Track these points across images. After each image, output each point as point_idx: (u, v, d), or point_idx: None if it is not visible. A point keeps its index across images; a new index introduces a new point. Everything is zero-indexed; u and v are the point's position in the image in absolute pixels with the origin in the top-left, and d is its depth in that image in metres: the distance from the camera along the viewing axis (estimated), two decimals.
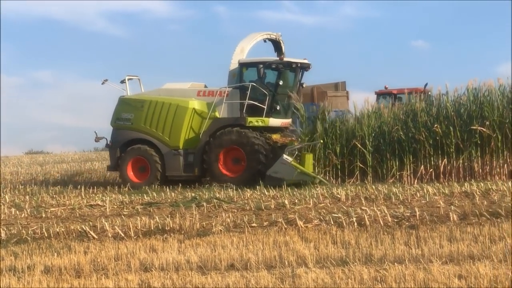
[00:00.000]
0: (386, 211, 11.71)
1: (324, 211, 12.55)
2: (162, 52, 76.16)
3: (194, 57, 76.59)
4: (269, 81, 19.71)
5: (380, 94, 26.29)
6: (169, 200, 15.61)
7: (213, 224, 11.86)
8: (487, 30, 70.69)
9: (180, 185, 19.09)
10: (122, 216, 13.42)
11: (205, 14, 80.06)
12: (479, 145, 17.78)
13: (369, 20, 77.76)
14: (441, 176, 17.73)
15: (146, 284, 8.18)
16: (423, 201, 13.12)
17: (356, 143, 18.46)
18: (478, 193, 13.53)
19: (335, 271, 8.21)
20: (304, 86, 20.64)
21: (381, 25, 76.82)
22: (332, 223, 11.43)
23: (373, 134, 18.66)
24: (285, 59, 19.44)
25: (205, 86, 20.64)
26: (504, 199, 12.54)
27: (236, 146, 19.00)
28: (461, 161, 17.76)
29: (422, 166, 18.01)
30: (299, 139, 19.11)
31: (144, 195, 16.78)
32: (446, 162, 17.87)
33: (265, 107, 19.27)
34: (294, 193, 15.44)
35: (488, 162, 17.71)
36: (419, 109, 18.59)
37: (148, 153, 19.78)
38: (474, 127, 17.71)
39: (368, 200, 13.85)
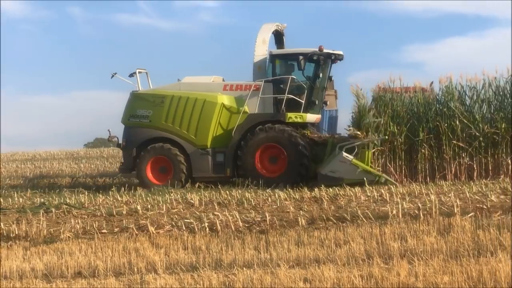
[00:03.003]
0: (238, 216, 11.84)
1: (176, 216, 12.53)
2: (15, 53, 73.53)
3: (49, 58, 74.46)
4: (296, 74, 18.36)
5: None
6: (16, 206, 15.00)
7: (61, 230, 11.56)
8: (342, 43, 73.59)
9: (29, 190, 18.43)
10: None
11: (60, 15, 78.18)
12: None
13: (225, 26, 78.91)
14: None
15: None
16: (274, 206, 13.37)
17: None
18: (326, 198, 13.94)
19: (184, 277, 8.23)
20: (332, 79, 19.48)
21: (238, 32, 78.16)
22: (184, 228, 11.45)
23: None
24: (324, 50, 18.14)
25: (223, 80, 19.24)
26: (350, 204, 13.02)
27: (276, 144, 17.61)
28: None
29: None
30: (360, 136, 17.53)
31: None
32: None
33: (303, 101, 18.13)
34: (148, 198, 15.28)
35: None
36: None
37: (171, 153, 18.06)
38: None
39: (221, 205, 13.95)
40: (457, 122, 17.67)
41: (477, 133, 17.54)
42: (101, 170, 28.17)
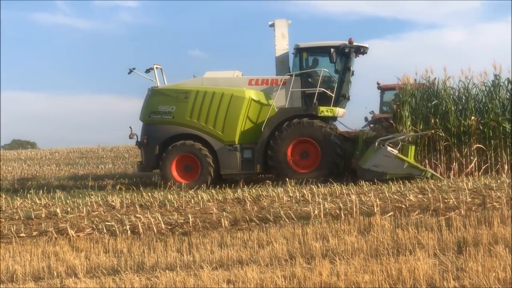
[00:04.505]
0: (160, 218, 11.77)
1: (97, 219, 12.34)
2: None
3: None
4: (323, 68, 18.27)
5: (385, 89, 24.56)
6: None
7: None
8: (262, 44, 74.22)
9: None
10: None
11: None
12: None
13: (146, 27, 78.65)
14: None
15: None
16: (197, 208, 13.34)
17: None
18: (249, 199, 14.00)
19: (105, 280, 8.11)
20: (354, 73, 18.88)
21: (159, 33, 77.98)
22: (105, 231, 11.30)
23: None
24: (354, 43, 18.03)
25: (242, 75, 18.89)
26: (273, 205, 13.10)
27: (309, 138, 17.46)
28: None
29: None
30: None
31: None
32: None
33: (334, 95, 18.00)
34: (67, 201, 15.01)
35: None
36: None
37: (197, 150, 17.67)
38: None
39: (143, 207, 13.82)
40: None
41: None
42: (19, 172, 27.51)
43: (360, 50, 18.43)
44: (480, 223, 10.08)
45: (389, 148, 16.30)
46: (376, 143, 16.60)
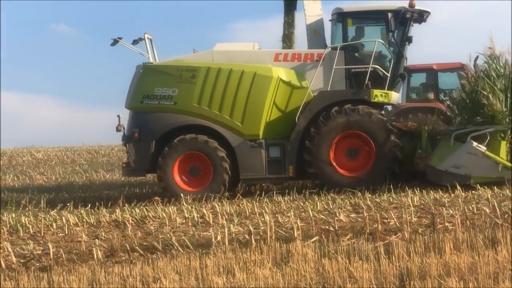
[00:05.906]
0: (10, 249, 11.58)
1: None
2: None
3: None
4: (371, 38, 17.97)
5: (414, 71, 24.33)
6: None
7: None
8: (164, 25, 74.96)
9: None
10: None
11: None
12: None
13: None
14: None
15: None
16: (60, 234, 13.23)
17: None
18: (131, 222, 13.93)
19: None
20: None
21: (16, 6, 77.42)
22: None
23: None
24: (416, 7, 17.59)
25: (259, 48, 18.38)
26: (162, 229, 13.08)
27: (360, 132, 17.13)
28: None
29: None
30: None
31: None
32: None
33: (389, 74, 17.58)
34: None
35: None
36: None
37: (208, 146, 17.20)
38: None
39: None
40: None
41: None
42: None
43: (423, 16, 18.25)
44: (428, 249, 10.30)
45: (474, 144, 16.07)
46: (452, 138, 16.48)
